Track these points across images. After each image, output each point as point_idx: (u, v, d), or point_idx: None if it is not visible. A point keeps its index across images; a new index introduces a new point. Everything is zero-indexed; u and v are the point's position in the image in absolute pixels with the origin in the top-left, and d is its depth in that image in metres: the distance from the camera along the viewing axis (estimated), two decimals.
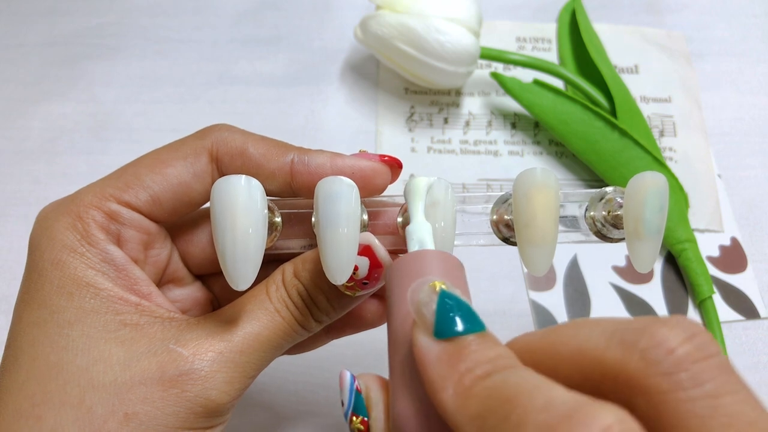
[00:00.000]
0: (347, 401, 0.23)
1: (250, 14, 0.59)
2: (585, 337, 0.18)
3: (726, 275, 0.45)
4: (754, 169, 0.50)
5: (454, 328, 0.19)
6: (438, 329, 0.19)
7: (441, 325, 0.19)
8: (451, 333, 0.19)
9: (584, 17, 0.56)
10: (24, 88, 0.54)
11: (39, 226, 0.26)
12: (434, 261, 0.22)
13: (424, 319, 0.19)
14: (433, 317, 0.19)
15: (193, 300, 0.30)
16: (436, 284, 0.20)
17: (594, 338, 0.18)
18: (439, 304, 0.19)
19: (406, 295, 0.20)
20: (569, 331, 0.19)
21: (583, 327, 0.18)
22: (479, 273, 0.45)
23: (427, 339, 0.19)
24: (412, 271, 0.22)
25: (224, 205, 0.24)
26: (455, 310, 0.19)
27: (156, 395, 0.24)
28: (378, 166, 0.28)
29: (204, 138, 0.27)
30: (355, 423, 0.22)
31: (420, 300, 0.20)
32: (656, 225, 0.24)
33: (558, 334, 0.19)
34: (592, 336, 0.18)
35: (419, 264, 0.22)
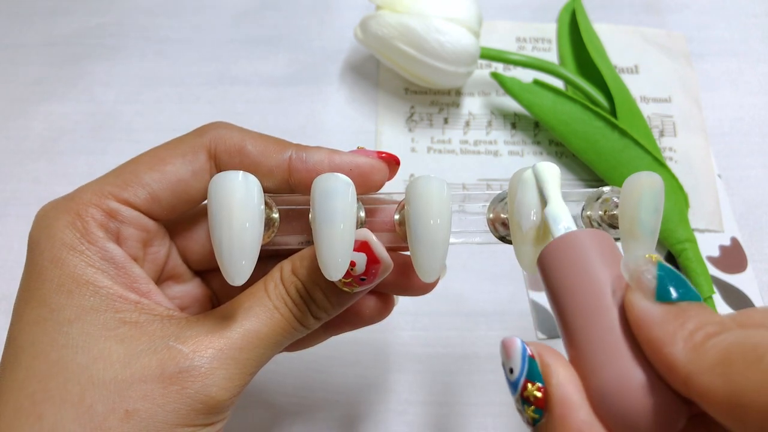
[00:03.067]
0: (519, 368, 0.22)
1: (250, 14, 0.59)
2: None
3: (726, 275, 0.45)
4: (754, 169, 0.50)
5: (675, 293, 0.20)
6: (660, 293, 0.20)
7: (663, 290, 0.20)
8: (673, 297, 0.20)
9: (584, 17, 0.56)
10: (24, 88, 0.54)
11: (38, 224, 0.26)
12: (594, 239, 0.23)
13: (644, 284, 0.20)
14: (654, 282, 0.20)
15: (193, 297, 0.31)
16: (652, 256, 0.21)
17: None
18: (660, 270, 0.20)
19: (589, 270, 0.21)
20: (761, 314, 0.20)
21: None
22: (480, 273, 0.45)
23: (647, 302, 0.20)
24: (583, 249, 0.22)
25: (221, 200, 0.24)
26: (674, 278, 0.20)
27: (156, 392, 0.24)
28: (375, 162, 0.28)
29: (202, 135, 0.27)
30: (531, 390, 0.21)
31: (638, 267, 0.21)
32: (651, 225, 0.24)
33: (749, 316, 0.20)
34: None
35: (580, 241, 0.23)
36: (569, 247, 0.22)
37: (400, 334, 0.43)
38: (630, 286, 0.21)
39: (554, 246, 0.23)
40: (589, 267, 0.22)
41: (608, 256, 0.22)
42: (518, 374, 0.22)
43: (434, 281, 0.28)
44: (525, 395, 0.21)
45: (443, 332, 0.43)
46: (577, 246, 0.22)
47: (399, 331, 0.43)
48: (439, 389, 0.41)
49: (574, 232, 0.23)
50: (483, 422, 0.40)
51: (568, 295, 0.22)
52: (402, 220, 0.28)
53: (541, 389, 0.21)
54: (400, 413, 0.40)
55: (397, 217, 0.28)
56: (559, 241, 0.23)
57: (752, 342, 0.17)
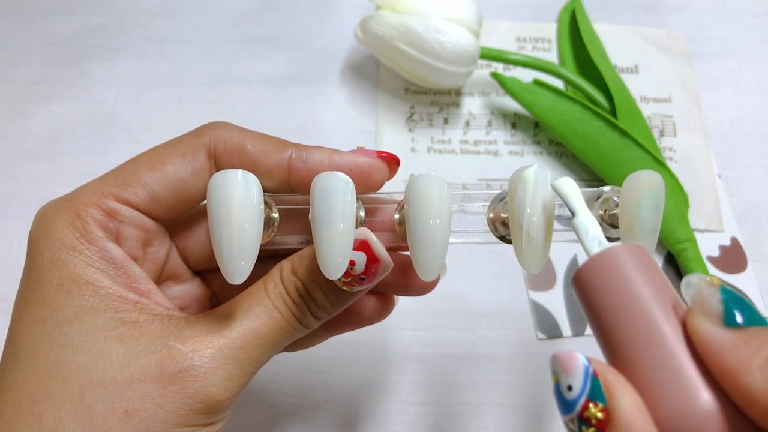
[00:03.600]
0: (580, 386, 0.20)
1: (250, 14, 0.59)
2: None
3: (726, 275, 0.45)
4: (754, 169, 0.50)
5: (744, 317, 0.19)
6: (728, 318, 0.19)
7: (730, 314, 0.19)
8: (742, 323, 0.19)
9: (584, 17, 0.56)
10: (24, 88, 0.54)
11: (38, 224, 0.26)
12: (634, 255, 0.22)
13: (709, 309, 0.19)
14: (721, 307, 0.19)
15: (192, 296, 0.31)
16: (713, 278, 0.20)
17: None
18: (724, 295, 0.20)
19: (640, 290, 0.21)
20: None
21: None
22: (480, 273, 0.45)
23: (714, 328, 0.19)
24: (628, 267, 0.21)
25: (220, 198, 0.24)
26: (739, 301, 0.19)
27: (156, 392, 0.24)
28: (375, 162, 0.28)
29: (202, 135, 0.27)
30: (593, 411, 0.20)
31: (701, 291, 0.20)
32: (651, 224, 0.24)
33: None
34: None
35: (620, 259, 0.22)
36: (611, 265, 0.21)
37: (401, 334, 0.43)
38: (692, 309, 0.20)
39: (593, 265, 0.22)
40: (637, 285, 0.21)
41: (651, 271, 0.21)
42: (578, 393, 0.20)
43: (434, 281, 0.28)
44: (585, 416, 0.20)
45: (443, 332, 0.43)
46: (619, 263, 0.21)
47: (399, 331, 0.43)
48: (439, 389, 0.41)
49: (611, 248, 0.22)
50: (483, 422, 0.40)
51: (616, 318, 0.21)
52: (402, 220, 0.28)
53: (604, 410, 0.20)
54: (401, 413, 0.40)
55: (397, 216, 0.28)
56: (599, 258, 0.22)
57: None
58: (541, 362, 0.42)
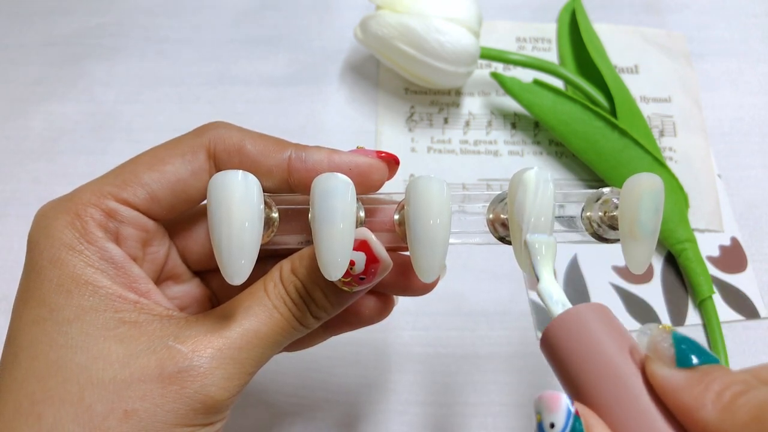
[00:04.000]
0: (562, 424, 0.21)
1: (250, 14, 0.59)
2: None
3: (726, 275, 0.45)
4: (754, 169, 0.50)
5: (695, 358, 0.21)
6: (680, 359, 0.21)
7: (683, 355, 0.21)
8: (693, 362, 0.21)
9: (584, 17, 0.56)
10: (24, 88, 0.54)
11: (37, 224, 0.26)
12: (595, 314, 0.23)
13: (663, 353, 0.21)
14: (673, 350, 0.21)
15: (192, 297, 0.31)
16: (664, 326, 0.22)
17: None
18: (675, 339, 0.21)
19: (599, 344, 0.22)
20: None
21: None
22: (480, 273, 0.45)
23: (668, 370, 0.21)
24: (577, 325, 0.23)
25: (220, 199, 0.24)
26: (690, 344, 0.21)
27: (155, 392, 0.24)
28: (375, 162, 0.28)
29: (201, 135, 0.27)
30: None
31: (654, 338, 0.21)
32: (651, 226, 0.24)
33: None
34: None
35: (581, 317, 0.23)
36: (575, 323, 0.23)
37: (401, 334, 0.43)
38: (649, 356, 0.21)
39: (558, 324, 0.24)
40: (599, 338, 0.23)
41: (611, 326, 0.23)
42: (560, 430, 0.21)
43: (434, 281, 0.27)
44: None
45: (443, 332, 0.43)
46: (581, 320, 0.23)
47: (399, 331, 0.43)
48: (439, 389, 0.41)
49: (574, 308, 0.24)
50: (483, 422, 0.40)
51: (583, 369, 0.23)
52: (401, 220, 0.28)
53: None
54: (401, 413, 0.40)
55: (397, 217, 0.28)
56: (563, 318, 0.23)
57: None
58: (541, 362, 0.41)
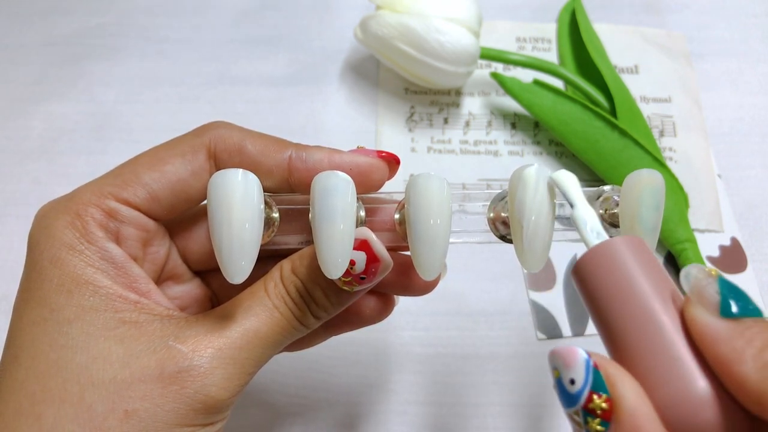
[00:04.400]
0: (582, 379, 0.21)
1: (250, 14, 0.59)
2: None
3: (726, 275, 0.45)
4: (754, 169, 0.50)
5: (740, 307, 0.20)
6: (724, 308, 0.20)
7: (727, 305, 0.20)
8: (737, 313, 0.19)
9: (584, 17, 0.56)
10: (24, 88, 0.54)
11: (38, 224, 0.26)
12: (633, 247, 0.22)
13: (707, 299, 0.20)
14: (718, 297, 0.20)
15: (192, 297, 0.31)
16: (711, 270, 0.21)
17: None
18: (721, 286, 0.20)
19: (638, 280, 0.21)
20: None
21: None
22: (480, 273, 0.45)
23: (711, 317, 0.20)
24: (613, 258, 0.22)
25: (220, 198, 0.24)
26: (736, 292, 0.20)
27: (155, 392, 0.24)
28: (375, 162, 0.28)
29: (202, 135, 0.27)
30: (597, 402, 0.20)
31: (699, 281, 0.20)
32: (652, 222, 0.24)
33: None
34: None
35: (617, 251, 0.22)
36: (609, 257, 0.22)
37: (401, 334, 0.43)
38: (690, 299, 0.20)
39: (592, 256, 0.22)
40: (635, 276, 0.21)
41: (649, 262, 0.22)
42: (582, 385, 0.21)
43: (434, 280, 0.27)
44: (590, 407, 0.20)
45: (444, 332, 0.43)
46: (617, 255, 0.22)
47: (399, 332, 0.43)
48: (439, 389, 0.41)
49: (610, 240, 0.22)
50: (483, 422, 0.40)
51: (615, 308, 0.21)
52: (402, 220, 0.28)
53: (608, 400, 0.20)
54: (401, 413, 0.40)
55: (397, 216, 0.28)
56: (597, 249, 0.22)
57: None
58: (541, 362, 0.42)
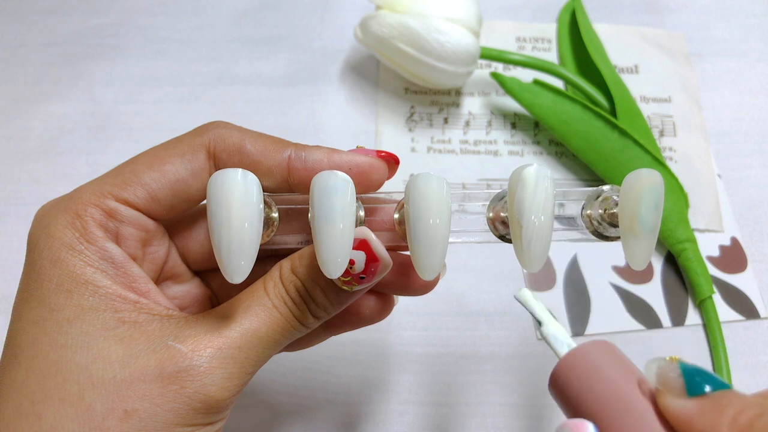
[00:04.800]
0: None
1: (250, 14, 0.59)
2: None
3: (726, 275, 0.45)
4: (754, 169, 0.50)
5: (705, 385, 0.21)
6: (690, 388, 0.21)
7: (693, 384, 0.21)
8: (704, 390, 0.21)
9: (584, 17, 0.56)
10: (24, 88, 0.54)
11: (37, 224, 0.26)
12: (601, 350, 0.24)
13: (673, 385, 0.21)
14: (682, 380, 0.21)
15: (192, 296, 0.31)
16: (672, 357, 0.22)
17: None
18: (683, 370, 0.22)
19: (610, 377, 0.23)
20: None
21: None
22: (481, 273, 0.45)
23: (680, 400, 0.21)
24: (585, 363, 0.24)
25: (220, 198, 0.24)
26: (699, 372, 0.21)
27: (155, 392, 0.24)
28: (375, 161, 0.28)
29: (201, 135, 0.27)
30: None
31: (663, 370, 0.22)
32: (651, 222, 0.24)
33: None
34: None
35: (588, 355, 0.24)
36: (581, 362, 0.24)
37: (401, 334, 0.43)
38: (659, 389, 0.21)
39: (565, 364, 0.24)
40: (608, 375, 0.23)
41: (618, 361, 0.24)
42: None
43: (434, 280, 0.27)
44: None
45: (444, 332, 0.43)
46: (588, 359, 0.24)
47: (399, 331, 0.43)
48: (439, 389, 0.41)
49: (581, 346, 0.24)
50: (483, 422, 0.40)
51: (596, 407, 0.23)
52: (401, 219, 0.28)
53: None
54: (401, 413, 0.40)
55: (397, 216, 0.28)
56: (571, 356, 0.24)
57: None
58: (541, 362, 0.42)
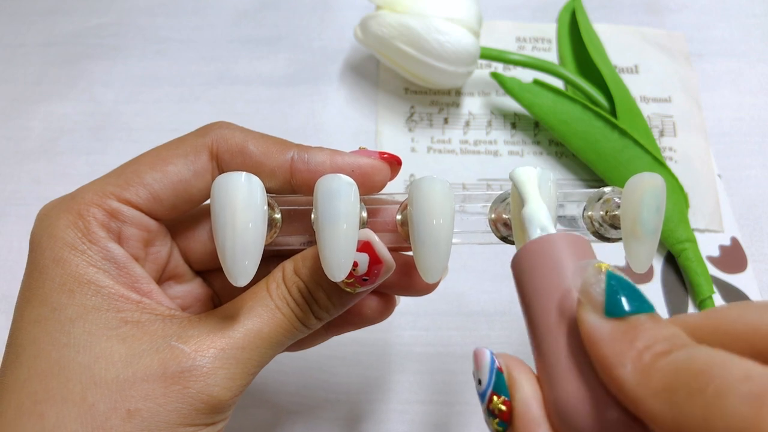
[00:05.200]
0: (486, 380, 0.22)
1: (250, 14, 0.59)
2: (757, 316, 0.18)
3: (726, 275, 0.45)
4: (754, 169, 0.50)
5: (625, 306, 0.19)
6: (609, 308, 0.19)
7: (612, 304, 0.19)
8: (623, 312, 0.19)
9: (584, 17, 0.56)
10: (24, 88, 0.54)
11: (40, 224, 0.26)
12: (566, 243, 0.22)
13: (593, 299, 0.19)
14: (603, 296, 0.19)
15: (194, 296, 0.31)
16: (601, 265, 0.20)
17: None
18: (608, 284, 0.19)
19: (552, 279, 0.21)
20: (735, 311, 0.19)
21: (750, 307, 0.19)
22: (481, 273, 0.45)
23: (596, 318, 0.19)
24: (545, 255, 0.22)
25: (224, 201, 0.24)
26: (624, 289, 0.19)
27: (158, 392, 0.24)
28: (377, 163, 0.28)
29: (204, 135, 0.27)
30: (496, 403, 0.21)
31: (587, 280, 0.20)
32: (653, 225, 0.24)
33: (722, 315, 0.19)
34: (765, 314, 0.18)
35: (551, 247, 0.22)
36: (541, 252, 0.22)
37: (402, 334, 0.43)
38: (580, 299, 0.20)
39: (526, 249, 0.22)
40: (556, 273, 0.21)
41: (579, 258, 0.21)
42: (485, 386, 0.22)
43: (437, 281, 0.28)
44: (491, 407, 0.22)
45: (444, 332, 0.43)
46: (548, 250, 0.22)
47: (400, 331, 0.43)
48: (440, 389, 0.41)
49: (548, 235, 0.22)
50: (483, 422, 0.40)
51: (534, 304, 0.22)
52: (404, 220, 0.28)
53: (506, 402, 0.21)
54: (402, 412, 0.40)
55: (399, 217, 0.28)
56: (532, 244, 0.22)
57: (697, 367, 0.17)
58: None
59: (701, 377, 0.16)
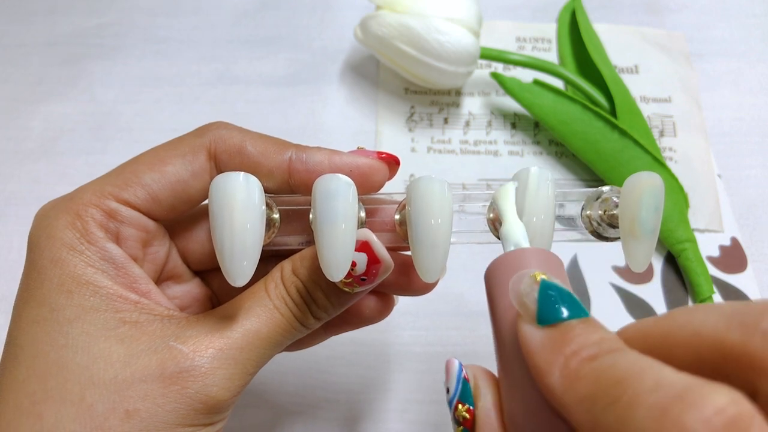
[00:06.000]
0: (453, 389, 0.23)
1: (250, 14, 0.59)
2: (701, 321, 0.18)
3: (726, 275, 0.45)
4: (754, 169, 0.50)
5: (556, 314, 0.19)
6: (540, 316, 0.19)
7: (543, 312, 0.19)
8: (554, 319, 0.19)
9: (584, 17, 0.56)
10: (24, 88, 0.54)
11: (38, 224, 0.26)
12: (532, 258, 0.22)
13: (527, 308, 0.20)
14: (535, 305, 0.19)
15: (192, 297, 0.31)
16: (536, 275, 0.20)
17: (712, 321, 0.18)
18: (540, 292, 0.20)
19: (507, 291, 0.21)
20: (684, 316, 0.19)
21: (698, 311, 0.19)
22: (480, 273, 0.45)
23: (530, 327, 0.19)
24: (511, 269, 0.22)
25: (222, 201, 0.24)
26: (557, 297, 0.20)
27: (156, 392, 0.24)
28: (375, 163, 0.28)
29: (202, 136, 0.27)
30: (461, 411, 0.22)
31: (521, 290, 0.20)
32: (651, 225, 0.24)
33: (672, 320, 0.19)
34: (709, 319, 0.18)
35: (518, 261, 0.22)
36: (508, 266, 0.22)
37: (401, 334, 0.43)
38: (519, 311, 0.20)
39: (495, 263, 0.23)
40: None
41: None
42: (452, 395, 0.23)
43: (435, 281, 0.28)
44: (456, 415, 0.22)
45: (443, 332, 0.43)
46: (515, 265, 0.22)
47: (399, 331, 0.43)
48: (439, 388, 0.41)
49: (518, 249, 0.23)
50: None
51: (495, 316, 0.22)
52: (402, 220, 0.28)
53: (470, 411, 0.22)
54: (401, 412, 0.40)
55: (398, 217, 0.28)
56: (501, 258, 0.23)
57: (618, 375, 0.17)
58: None
59: (618, 386, 0.16)
